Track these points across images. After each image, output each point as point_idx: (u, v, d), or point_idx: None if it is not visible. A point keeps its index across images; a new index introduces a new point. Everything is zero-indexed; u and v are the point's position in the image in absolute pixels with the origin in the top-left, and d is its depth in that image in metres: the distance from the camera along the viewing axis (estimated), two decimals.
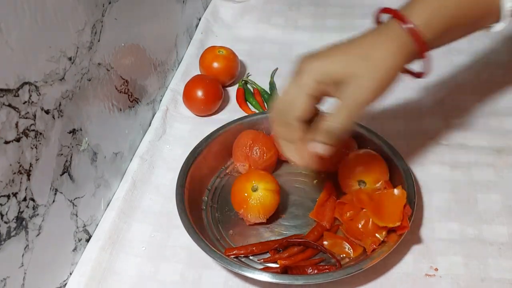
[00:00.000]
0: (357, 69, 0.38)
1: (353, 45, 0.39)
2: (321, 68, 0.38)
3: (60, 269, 0.45)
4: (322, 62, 0.39)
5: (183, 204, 0.48)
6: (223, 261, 0.44)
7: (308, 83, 0.39)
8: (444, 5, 0.40)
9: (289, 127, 0.41)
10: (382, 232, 0.44)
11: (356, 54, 0.38)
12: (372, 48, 0.38)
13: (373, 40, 0.39)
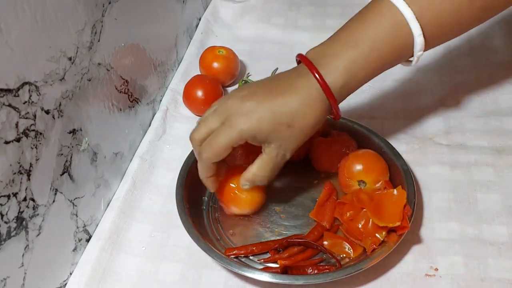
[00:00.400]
0: (282, 135, 0.42)
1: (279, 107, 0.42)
2: (248, 131, 0.42)
3: (60, 269, 0.45)
4: (250, 125, 0.42)
5: (183, 204, 0.48)
6: (223, 261, 0.44)
7: (233, 139, 0.42)
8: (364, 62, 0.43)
9: (201, 162, 0.45)
10: (382, 232, 0.44)
11: (282, 121, 0.42)
12: (296, 114, 0.42)
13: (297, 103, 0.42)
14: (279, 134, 0.42)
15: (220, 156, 0.43)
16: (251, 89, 0.44)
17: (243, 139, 0.42)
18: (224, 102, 0.44)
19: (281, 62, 0.70)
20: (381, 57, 0.43)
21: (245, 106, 0.42)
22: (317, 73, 0.42)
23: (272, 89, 0.43)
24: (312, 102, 0.42)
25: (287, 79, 0.44)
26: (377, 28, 0.43)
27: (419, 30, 0.42)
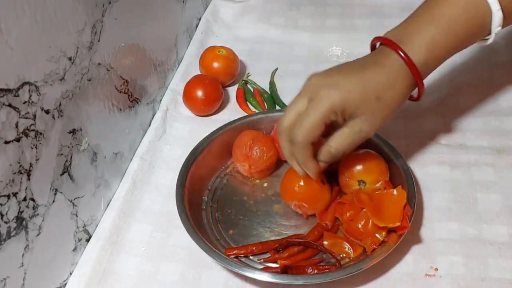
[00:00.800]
0: (371, 108, 0.42)
1: (368, 80, 0.42)
2: (339, 102, 0.41)
3: (60, 269, 0.45)
4: (340, 94, 0.41)
5: (183, 204, 0.48)
6: (223, 261, 0.44)
7: (326, 114, 0.41)
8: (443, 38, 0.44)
9: (296, 146, 0.43)
10: (382, 232, 0.44)
11: (371, 93, 0.42)
12: (384, 87, 0.42)
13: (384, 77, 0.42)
14: (367, 107, 0.42)
15: (315, 135, 0.42)
16: (337, 68, 0.44)
17: (334, 112, 0.41)
18: (309, 82, 0.43)
19: (281, 62, 0.70)
20: (459, 34, 0.44)
21: (332, 79, 0.42)
22: (401, 51, 0.42)
23: (356, 66, 0.43)
24: (399, 76, 0.43)
25: (369, 58, 0.44)
26: (454, 5, 0.43)
27: (497, 5, 0.43)
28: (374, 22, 0.76)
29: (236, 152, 0.53)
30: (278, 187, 0.53)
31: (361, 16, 0.78)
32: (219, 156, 0.55)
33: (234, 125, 0.56)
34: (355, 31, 0.75)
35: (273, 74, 0.68)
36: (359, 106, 0.41)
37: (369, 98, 0.41)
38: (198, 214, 0.50)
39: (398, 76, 0.43)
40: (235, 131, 0.55)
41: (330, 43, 0.72)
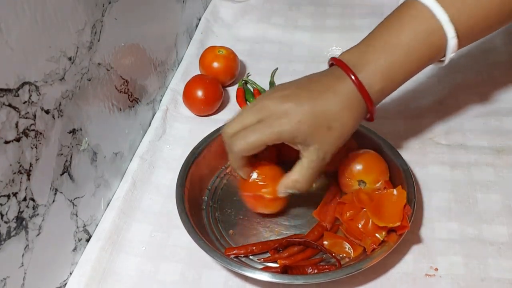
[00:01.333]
0: (322, 138, 0.42)
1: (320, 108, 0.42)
2: (289, 132, 0.42)
3: (60, 269, 0.45)
4: (290, 125, 0.42)
5: (183, 204, 0.48)
6: (223, 260, 0.44)
7: (270, 138, 0.42)
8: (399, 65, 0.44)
9: (231, 154, 0.44)
10: (382, 232, 0.44)
11: (323, 124, 0.42)
12: (336, 117, 0.43)
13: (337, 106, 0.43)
14: (318, 137, 0.42)
15: (252, 152, 0.43)
16: (290, 90, 0.44)
17: (281, 140, 0.42)
18: (261, 101, 0.44)
19: (281, 62, 0.70)
20: (416, 61, 0.44)
21: (284, 106, 0.42)
22: (355, 77, 0.43)
23: (310, 91, 0.43)
24: (351, 105, 0.43)
25: (324, 81, 0.44)
26: (412, 33, 0.43)
27: (453, 32, 0.43)
28: (374, 22, 0.75)
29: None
30: None
31: (361, 16, 0.78)
32: (219, 156, 0.55)
33: None
34: (355, 31, 0.75)
35: (273, 74, 0.68)
36: (309, 136, 0.42)
37: (320, 128, 0.42)
38: (198, 214, 0.50)
39: (350, 103, 0.43)
40: None
41: (330, 43, 0.73)
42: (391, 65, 0.43)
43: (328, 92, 0.43)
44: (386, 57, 0.44)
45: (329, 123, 0.42)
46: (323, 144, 0.43)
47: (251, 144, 0.42)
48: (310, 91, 0.43)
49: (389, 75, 0.44)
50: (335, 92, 0.43)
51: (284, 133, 0.42)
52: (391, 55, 0.44)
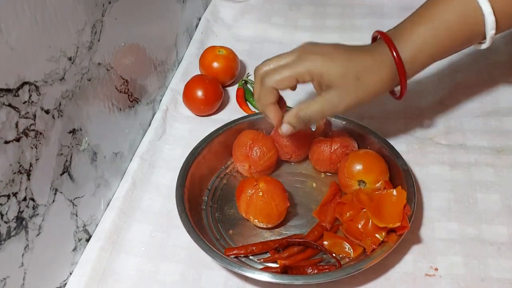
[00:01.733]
0: (347, 83, 0.44)
1: (354, 59, 0.45)
2: (319, 68, 0.44)
3: (60, 269, 0.45)
4: (323, 62, 0.44)
5: (183, 204, 0.48)
6: (223, 261, 0.44)
7: (302, 72, 0.44)
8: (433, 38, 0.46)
9: (263, 88, 0.45)
10: (382, 232, 0.44)
11: (352, 70, 0.44)
12: (367, 70, 0.45)
13: (370, 62, 0.45)
14: (344, 82, 0.44)
15: (283, 84, 0.44)
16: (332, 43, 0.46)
17: (310, 74, 0.43)
18: (303, 44, 0.46)
19: None
20: (450, 35, 0.46)
21: (322, 48, 0.45)
22: (393, 46, 0.45)
23: (351, 47, 0.46)
24: (383, 66, 0.45)
25: (365, 46, 0.47)
26: (447, 7, 0.45)
27: (489, 8, 0.44)
28: (374, 22, 0.76)
29: (236, 152, 0.53)
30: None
31: (361, 16, 0.78)
32: (219, 156, 0.55)
33: (234, 125, 0.56)
34: (355, 31, 0.75)
35: None
36: (336, 79, 0.43)
37: (348, 75, 0.44)
38: (198, 214, 0.50)
39: (383, 66, 0.45)
40: (235, 131, 0.55)
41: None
42: (424, 34, 0.45)
43: (367, 52, 0.46)
44: (420, 26, 0.45)
45: (357, 74, 0.44)
46: (345, 91, 0.44)
47: (283, 76, 0.44)
48: (352, 47, 0.46)
49: (423, 47, 0.45)
50: (373, 54, 0.45)
51: (316, 67, 0.43)
52: (426, 27, 0.45)
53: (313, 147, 0.53)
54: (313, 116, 0.45)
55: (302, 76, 0.44)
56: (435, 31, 0.45)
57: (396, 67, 0.45)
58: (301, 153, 0.54)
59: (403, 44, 0.45)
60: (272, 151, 0.53)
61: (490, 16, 0.44)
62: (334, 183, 0.51)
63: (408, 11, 0.76)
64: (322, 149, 0.53)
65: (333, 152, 0.52)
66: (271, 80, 0.44)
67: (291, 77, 0.44)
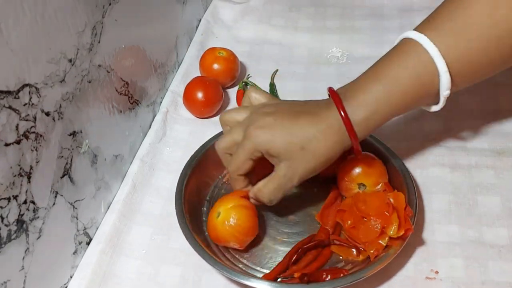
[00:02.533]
0: (294, 155, 0.43)
1: (296, 130, 0.43)
2: (264, 143, 0.43)
3: (61, 272, 0.45)
4: (266, 137, 0.43)
5: (182, 210, 0.47)
6: (222, 268, 0.43)
7: (250, 151, 0.44)
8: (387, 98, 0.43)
9: (233, 179, 0.47)
10: (385, 238, 0.44)
11: (297, 141, 0.43)
12: (311, 140, 0.43)
13: (313, 131, 0.43)
14: (291, 154, 0.43)
15: (243, 170, 0.45)
16: (277, 107, 0.45)
17: (258, 151, 0.43)
18: (250, 115, 0.46)
19: (281, 64, 0.70)
20: (405, 94, 0.43)
21: (264, 120, 0.44)
22: (341, 107, 0.43)
23: (296, 113, 0.44)
24: (330, 133, 0.43)
25: (313, 107, 0.45)
26: (401, 65, 0.43)
27: (444, 67, 0.42)
28: (374, 24, 0.76)
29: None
30: None
31: (361, 18, 0.78)
32: (217, 165, 0.54)
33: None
34: (355, 32, 0.75)
35: (273, 76, 0.68)
36: (282, 151, 0.43)
37: (293, 146, 0.43)
38: (198, 218, 0.50)
39: (330, 132, 0.43)
40: None
41: (330, 45, 0.72)
42: (378, 93, 0.43)
43: (311, 116, 0.44)
44: (374, 86, 0.43)
45: (302, 143, 0.43)
46: (294, 163, 0.43)
47: (238, 163, 0.44)
48: (295, 113, 0.44)
49: (375, 105, 0.43)
50: (318, 117, 0.43)
51: (259, 144, 0.43)
52: (378, 84, 0.43)
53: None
54: (271, 193, 0.45)
55: (253, 155, 0.44)
56: (389, 89, 0.43)
57: (346, 130, 0.43)
58: None
59: (355, 104, 0.43)
60: None
61: (445, 75, 0.42)
62: (334, 187, 0.51)
63: (408, 12, 0.77)
64: None
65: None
66: (231, 170, 0.45)
67: (244, 161, 0.44)
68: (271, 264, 0.46)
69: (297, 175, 0.44)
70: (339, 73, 0.68)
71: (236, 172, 0.45)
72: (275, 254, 0.47)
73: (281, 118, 0.44)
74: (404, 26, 0.73)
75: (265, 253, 0.47)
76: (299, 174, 0.44)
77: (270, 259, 0.47)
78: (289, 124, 0.43)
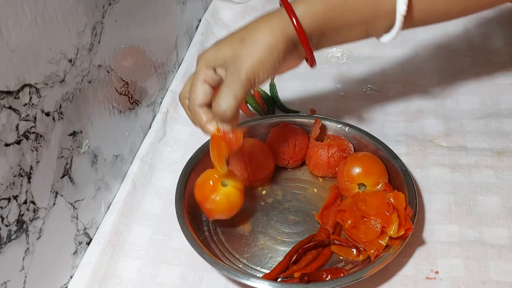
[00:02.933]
0: (237, 50, 0.40)
1: (239, 31, 0.42)
2: (209, 56, 0.42)
3: (61, 272, 0.45)
4: (211, 50, 0.42)
5: (182, 210, 0.48)
6: (222, 268, 0.43)
7: (200, 70, 0.42)
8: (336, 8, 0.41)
9: (194, 113, 0.43)
10: (385, 238, 0.44)
11: (237, 38, 0.41)
12: (253, 30, 0.41)
13: (257, 24, 0.41)
14: (233, 52, 0.40)
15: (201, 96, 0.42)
16: None
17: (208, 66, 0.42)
18: None
19: None
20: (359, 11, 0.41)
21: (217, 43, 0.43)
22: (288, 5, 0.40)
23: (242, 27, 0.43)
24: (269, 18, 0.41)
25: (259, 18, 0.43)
26: None
27: None
28: None
29: (234, 161, 0.53)
30: (277, 194, 0.53)
31: None
32: None
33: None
34: None
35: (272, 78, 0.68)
36: (227, 53, 0.41)
37: (233, 44, 0.41)
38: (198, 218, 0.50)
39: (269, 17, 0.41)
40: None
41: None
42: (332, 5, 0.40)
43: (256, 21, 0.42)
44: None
45: (241, 36, 0.41)
46: (237, 60, 0.40)
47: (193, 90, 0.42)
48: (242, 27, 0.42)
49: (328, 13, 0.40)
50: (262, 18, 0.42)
51: (207, 59, 0.42)
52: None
53: (310, 152, 0.53)
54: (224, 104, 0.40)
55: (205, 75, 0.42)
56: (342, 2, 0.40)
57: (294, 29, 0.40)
58: (298, 159, 0.54)
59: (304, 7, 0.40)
60: (270, 159, 0.53)
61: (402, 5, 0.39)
62: (334, 187, 0.51)
63: None
64: (320, 153, 0.52)
65: (330, 156, 0.52)
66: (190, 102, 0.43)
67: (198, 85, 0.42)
68: (271, 264, 0.46)
69: (243, 70, 0.40)
70: (339, 73, 0.68)
71: (195, 102, 0.42)
72: (275, 254, 0.47)
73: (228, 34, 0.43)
74: None
75: (265, 253, 0.48)
76: (245, 68, 0.40)
77: (270, 259, 0.47)
78: (234, 33, 0.42)
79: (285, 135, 0.54)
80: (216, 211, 0.47)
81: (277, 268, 0.45)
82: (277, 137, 0.54)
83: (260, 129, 0.56)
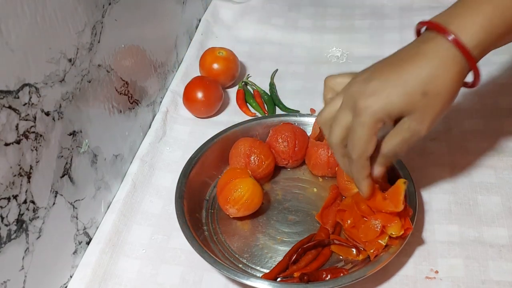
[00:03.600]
0: (417, 105, 0.38)
1: (407, 75, 0.38)
2: (381, 110, 0.38)
3: (61, 272, 0.45)
4: (380, 102, 0.38)
5: (182, 209, 0.48)
6: (222, 267, 0.43)
7: (370, 125, 0.39)
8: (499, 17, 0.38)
9: (354, 163, 0.41)
10: (385, 237, 0.44)
11: (416, 89, 0.38)
12: (432, 78, 0.38)
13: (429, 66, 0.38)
14: (413, 105, 0.38)
15: (370, 150, 0.40)
16: (372, 68, 0.41)
17: (379, 121, 0.39)
18: (347, 90, 0.40)
19: (281, 63, 0.70)
20: None
21: (369, 87, 0.39)
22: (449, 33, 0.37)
23: (396, 62, 0.39)
24: (446, 63, 0.38)
25: (410, 49, 0.40)
26: None
27: None
28: (373, 23, 0.76)
29: (234, 161, 0.53)
30: (276, 193, 0.53)
31: (361, 17, 0.78)
32: (216, 165, 0.54)
33: (230, 132, 0.55)
34: (355, 32, 0.75)
35: (273, 76, 0.68)
36: (403, 107, 0.38)
37: (413, 97, 0.38)
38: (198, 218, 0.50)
39: (446, 62, 0.38)
40: (231, 138, 0.54)
41: (330, 44, 0.73)
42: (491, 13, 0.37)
43: (416, 56, 0.38)
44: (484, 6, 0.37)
45: (423, 89, 0.37)
46: (419, 114, 0.38)
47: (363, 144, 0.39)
48: (394, 63, 0.39)
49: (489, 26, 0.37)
50: (425, 55, 0.38)
51: (377, 114, 0.38)
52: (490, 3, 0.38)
53: (310, 151, 0.53)
54: (396, 149, 0.40)
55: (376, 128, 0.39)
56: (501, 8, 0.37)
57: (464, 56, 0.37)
58: (298, 159, 0.54)
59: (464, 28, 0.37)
60: (269, 159, 0.53)
61: None
62: (334, 186, 0.51)
63: (408, 12, 0.77)
64: (319, 153, 0.52)
65: (330, 156, 0.52)
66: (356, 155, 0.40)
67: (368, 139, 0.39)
68: (271, 263, 0.46)
69: (426, 125, 0.39)
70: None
71: (363, 156, 0.40)
72: (275, 254, 0.47)
73: (385, 74, 0.39)
74: (404, 26, 0.73)
75: (265, 253, 0.48)
76: (428, 122, 0.39)
77: (270, 259, 0.47)
78: (397, 77, 0.38)
79: (285, 135, 0.54)
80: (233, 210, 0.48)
81: (277, 268, 0.45)
82: (277, 137, 0.54)
83: (260, 129, 0.56)
